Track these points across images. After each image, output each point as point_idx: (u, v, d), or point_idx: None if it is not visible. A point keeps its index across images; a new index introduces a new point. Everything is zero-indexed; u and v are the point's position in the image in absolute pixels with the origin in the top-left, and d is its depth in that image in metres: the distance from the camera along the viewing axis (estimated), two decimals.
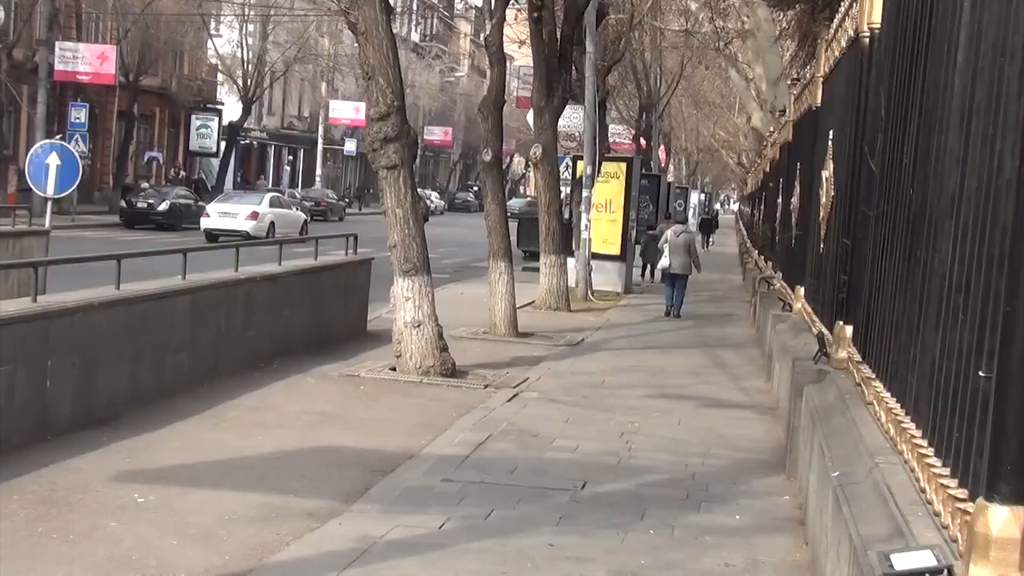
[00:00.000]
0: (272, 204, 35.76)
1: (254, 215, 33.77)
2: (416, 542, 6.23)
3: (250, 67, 52.15)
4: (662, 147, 50.42)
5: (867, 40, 7.04)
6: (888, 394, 5.19)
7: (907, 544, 3.67)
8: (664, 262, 20.11)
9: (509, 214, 17.85)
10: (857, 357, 6.37)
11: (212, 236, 32.05)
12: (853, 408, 5.84)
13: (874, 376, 5.68)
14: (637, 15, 27.39)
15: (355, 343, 14.04)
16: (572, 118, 28.28)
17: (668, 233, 20.45)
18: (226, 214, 33.88)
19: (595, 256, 22.43)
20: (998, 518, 3.19)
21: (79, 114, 38.93)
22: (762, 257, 20.59)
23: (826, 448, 5.69)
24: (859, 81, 7.21)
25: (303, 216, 38.31)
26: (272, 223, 34.27)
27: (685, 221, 21.83)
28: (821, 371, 7.36)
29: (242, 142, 57.98)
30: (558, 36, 19.58)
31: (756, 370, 13.74)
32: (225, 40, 53.29)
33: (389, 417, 9.88)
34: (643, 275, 28.28)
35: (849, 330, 6.78)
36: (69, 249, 15.66)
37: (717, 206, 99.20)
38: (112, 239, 29.22)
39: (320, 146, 65.72)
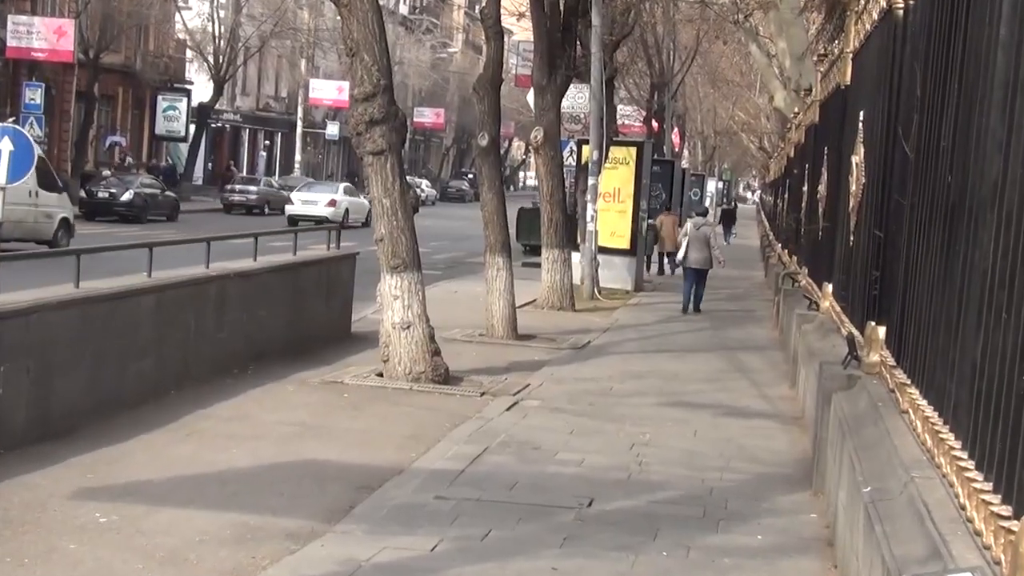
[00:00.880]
0: (347, 192, 43.62)
1: (332, 203, 41.23)
2: (406, 566, 6.23)
3: (222, 43, 52.14)
4: (676, 130, 50.47)
5: (901, 12, 7.05)
6: (925, 401, 5.19)
7: (945, 566, 3.67)
8: (682, 255, 20.63)
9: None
10: (890, 361, 6.37)
11: (294, 221, 39.03)
12: (886, 417, 5.84)
13: (909, 382, 5.68)
14: None
15: (338, 346, 14.04)
16: (577, 98, 28.22)
17: (688, 225, 21.03)
18: (308, 202, 41.49)
19: (602, 250, 22.46)
20: None
21: (34, 95, 38.89)
22: (786, 251, 20.60)
23: (857, 461, 5.69)
24: (892, 57, 7.21)
25: (368, 204, 44.11)
26: (347, 209, 41.69)
27: (705, 213, 22.27)
28: (851, 376, 7.36)
29: (213, 125, 57.96)
30: (561, 8, 19.59)
31: (779, 376, 13.74)
32: (194, 13, 53.22)
33: (376, 428, 9.88)
34: (661, 270, 28.31)
35: (881, 331, 6.78)
36: (23, 244, 15.65)
37: (741, 194, 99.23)
38: None
39: (299, 130, 65.73)
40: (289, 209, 41.64)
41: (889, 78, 7.26)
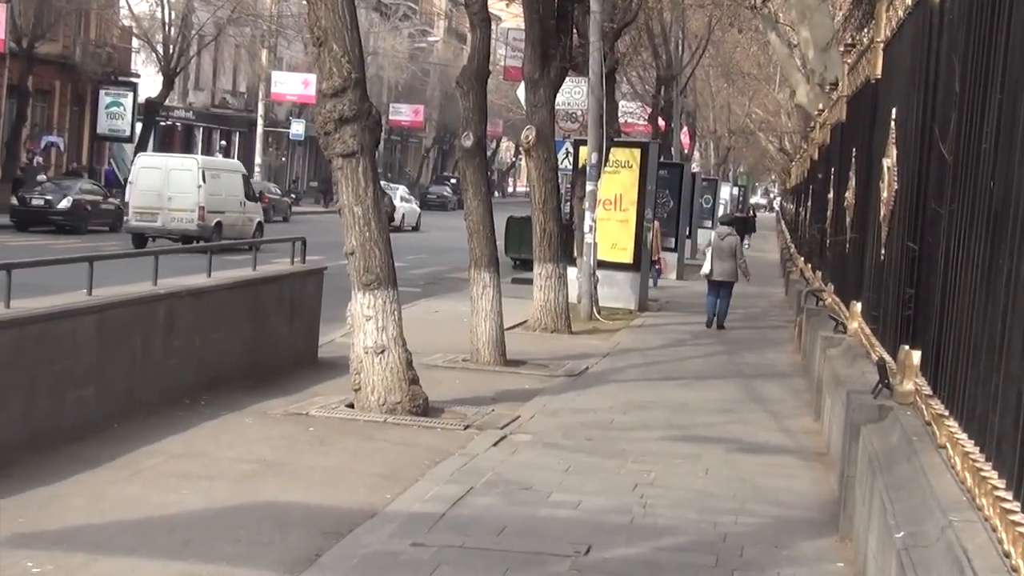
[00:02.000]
0: (403, 199, 48.06)
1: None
2: None
3: (172, 30, 52.16)
4: (685, 129, 50.61)
5: None
6: (964, 435, 5.20)
7: None
8: (706, 268, 21.35)
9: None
10: (926, 390, 6.39)
11: None
12: (921, 453, 5.86)
13: (947, 413, 5.70)
14: None
15: (303, 373, 14.02)
16: (574, 93, 28.31)
17: (712, 236, 21.81)
18: None
19: (602, 265, 22.48)
20: None
21: None
22: (809, 265, 20.64)
23: (888, 503, 5.70)
24: (928, 48, 7.25)
25: (419, 209, 52.26)
26: (404, 215, 47.16)
27: (731, 222, 22.64)
28: (882, 407, 7.37)
29: (163, 124, 57.98)
30: None
31: (802, 406, 13.76)
32: None
33: (345, 466, 9.86)
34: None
35: (916, 356, 6.80)
36: None
37: (756, 200, 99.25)
38: (0, 244, 29.17)
39: (260, 129, 65.78)
40: None
41: (924, 71, 7.30)
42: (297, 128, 68.58)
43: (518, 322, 19.40)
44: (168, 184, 32.11)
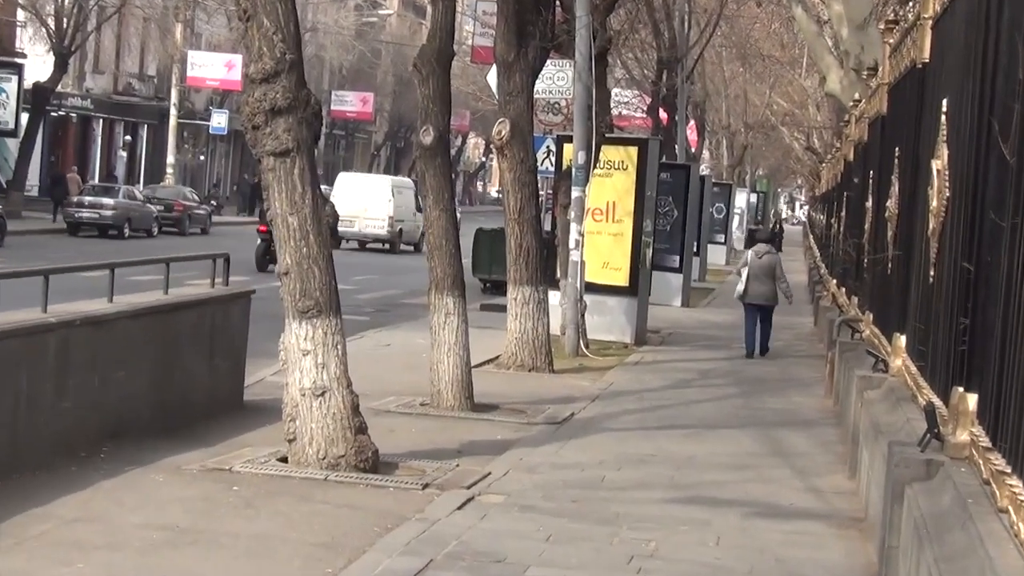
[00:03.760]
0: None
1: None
2: None
3: (66, 1, 52.06)
4: (692, 123, 50.69)
5: None
6: None
7: None
8: (740, 288, 22.40)
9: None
10: (984, 441, 6.40)
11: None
12: (978, 518, 5.86)
13: (1009, 470, 5.71)
14: None
15: (225, 420, 13.97)
16: (556, 79, 28.47)
17: (749, 254, 22.92)
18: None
19: (590, 288, 22.48)
20: None
21: None
22: (843, 289, 20.69)
23: None
24: (986, 26, 7.28)
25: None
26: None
27: (770, 239, 23.18)
28: (931, 462, 7.38)
29: (54, 114, 57.83)
30: None
31: (833, 461, 13.78)
32: None
33: (277, 533, 9.83)
34: None
35: (972, 400, 6.82)
36: None
37: (783, 212, 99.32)
38: None
39: (173, 120, 65.65)
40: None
41: (982, 54, 7.33)
42: (219, 120, 68.50)
43: (488, 358, 19.37)
44: (365, 198, 50.20)
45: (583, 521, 10.56)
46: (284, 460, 11.91)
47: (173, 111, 65.67)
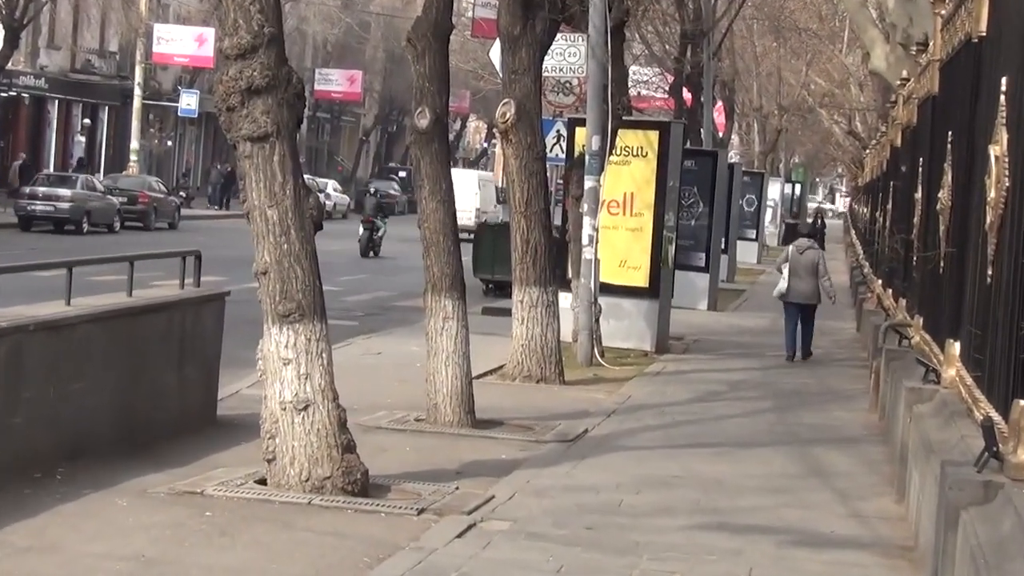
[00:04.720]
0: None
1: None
2: None
3: None
4: (719, 105, 50.76)
5: None
6: None
7: None
8: (781, 287, 22.95)
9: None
10: None
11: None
12: None
13: None
14: None
15: (197, 437, 13.99)
16: (567, 56, 28.47)
17: (790, 249, 23.53)
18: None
19: (606, 289, 22.48)
20: None
21: None
22: (889, 291, 20.70)
23: None
24: None
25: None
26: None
27: (813, 234, 23.49)
28: (989, 484, 7.37)
29: (4, 94, 57.88)
30: None
31: (879, 482, 13.78)
32: None
33: (255, 565, 9.83)
34: None
35: None
36: None
37: (823, 205, 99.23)
38: None
39: (137, 102, 65.74)
40: None
41: None
42: (188, 101, 68.54)
43: (491, 368, 19.39)
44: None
45: (598, 551, 10.56)
46: (263, 482, 11.91)
47: (137, 91, 65.83)
